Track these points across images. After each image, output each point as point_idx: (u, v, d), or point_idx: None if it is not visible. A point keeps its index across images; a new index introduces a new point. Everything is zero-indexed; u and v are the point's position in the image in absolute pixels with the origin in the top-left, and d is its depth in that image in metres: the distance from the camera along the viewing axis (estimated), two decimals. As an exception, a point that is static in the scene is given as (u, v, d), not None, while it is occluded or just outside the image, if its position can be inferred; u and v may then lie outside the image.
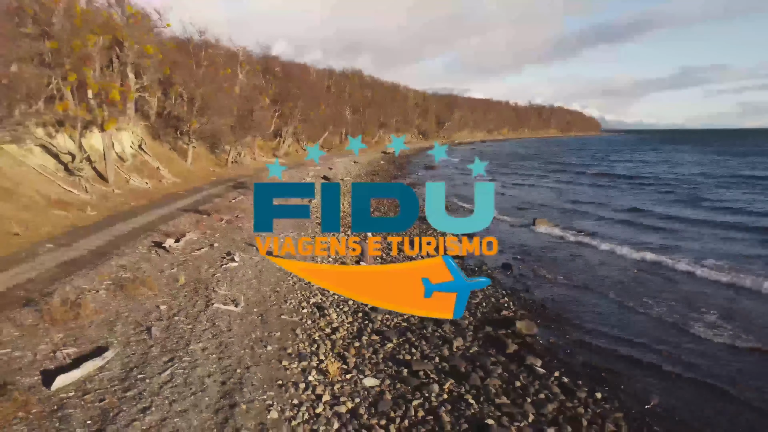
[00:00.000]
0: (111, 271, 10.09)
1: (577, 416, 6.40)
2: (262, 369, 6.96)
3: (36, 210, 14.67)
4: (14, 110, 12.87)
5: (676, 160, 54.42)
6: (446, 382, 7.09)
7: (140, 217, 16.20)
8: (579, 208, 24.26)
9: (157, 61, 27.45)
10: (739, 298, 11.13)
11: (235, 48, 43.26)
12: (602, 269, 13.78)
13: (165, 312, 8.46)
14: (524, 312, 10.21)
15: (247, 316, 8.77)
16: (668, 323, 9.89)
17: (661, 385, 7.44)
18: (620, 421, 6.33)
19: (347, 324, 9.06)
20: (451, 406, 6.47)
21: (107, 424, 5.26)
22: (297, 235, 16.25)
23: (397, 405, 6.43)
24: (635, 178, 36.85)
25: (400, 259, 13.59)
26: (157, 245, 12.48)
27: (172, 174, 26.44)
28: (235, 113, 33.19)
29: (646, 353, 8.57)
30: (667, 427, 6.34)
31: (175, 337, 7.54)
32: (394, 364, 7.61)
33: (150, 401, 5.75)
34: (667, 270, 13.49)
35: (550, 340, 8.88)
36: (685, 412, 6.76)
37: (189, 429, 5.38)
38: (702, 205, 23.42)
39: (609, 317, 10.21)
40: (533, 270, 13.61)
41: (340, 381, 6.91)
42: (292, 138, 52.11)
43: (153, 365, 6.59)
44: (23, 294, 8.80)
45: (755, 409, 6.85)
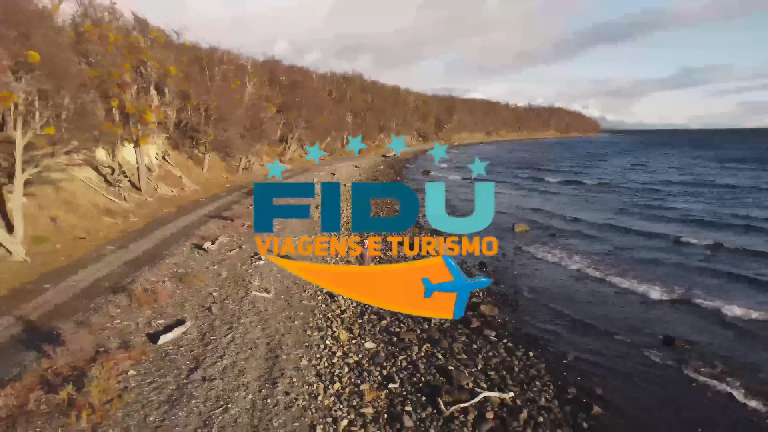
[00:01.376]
0: (168, 268, 12.99)
1: (512, 366, 9.26)
2: (293, 335, 9.83)
3: (91, 218, 17.58)
4: (81, 136, 15.74)
5: (650, 167, 56.29)
6: (424, 345, 9.96)
7: (174, 223, 19.09)
8: (554, 213, 27.11)
9: (178, 78, 30.36)
10: (649, 302, 13.86)
11: (244, 60, 46.32)
12: (558, 267, 16.65)
13: (217, 297, 11.35)
14: (489, 299, 13.08)
15: (277, 301, 11.64)
16: (594, 308, 12.76)
17: (577, 347, 10.31)
18: (542, 370, 9.19)
19: (352, 307, 11.91)
20: (426, 360, 9.33)
21: (199, 364, 8.14)
22: (307, 236, 19.00)
23: (388, 359, 9.30)
24: (603, 186, 39.15)
25: (398, 259, 16.43)
26: (197, 247, 15.38)
27: (192, 182, 29.35)
28: (246, 124, 36.11)
29: (574, 327, 11.44)
30: (574, 374, 9.19)
31: (228, 314, 10.43)
32: (387, 334, 10.47)
33: (223, 352, 8.64)
34: (603, 271, 16.35)
35: (505, 319, 11.74)
36: (590, 364, 9.61)
37: (250, 369, 8.25)
38: (651, 215, 25.60)
39: (554, 303, 13.07)
40: (504, 267, 16.47)
41: (348, 344, 9.78)
42: (296, 144, 54.98)
43: (219, 331, 9.48)
44: (108, 285, 11.71)
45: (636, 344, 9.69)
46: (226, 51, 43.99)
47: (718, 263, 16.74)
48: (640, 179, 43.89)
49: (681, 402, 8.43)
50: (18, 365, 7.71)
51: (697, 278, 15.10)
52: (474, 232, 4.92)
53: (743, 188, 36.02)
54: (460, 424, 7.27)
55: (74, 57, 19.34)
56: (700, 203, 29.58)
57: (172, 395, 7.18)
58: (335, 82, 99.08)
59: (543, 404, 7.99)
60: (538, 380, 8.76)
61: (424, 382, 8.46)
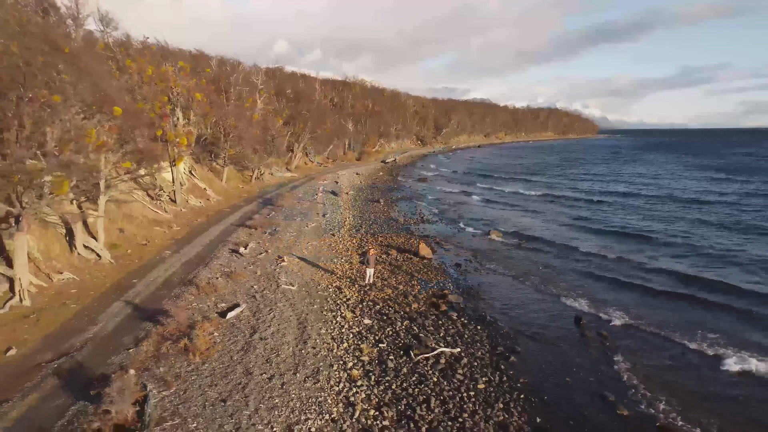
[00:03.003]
0: (218, 268, 17.37)
1: (463, 334, 13.61)
2: (314, 314, 14.20)
3: (146, 227, 21.97)
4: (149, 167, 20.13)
5: (627, 177, 57.93)
6: (405, 321, 14.31)
7: (209, 232, 23.45)
8: (525, 222, 31.44)
9: (202, 102, 34.73)
10: (573, 297, 18.19)
11: (254, 77, 50.77)
12: (520, 266, 20.98)
13: (257, 289, 15.73)
14: (457, 291, 17.42)
15: (300, 292, 16.01)
16: (534, 298, 17.11)
17: (513, 323, 14.66)
18: (483, 336, 13.52)
19: (354, 297, 16.25)
20: (405, 330, 13.67)
21: (255, 331, 12.51)
22: (317, 241, 23.29)
23: (379, 330, 13.65)
24: (573, 199, 42.42)
25: (397, 257, 20.77)
26: (234, 251, 19.75)
27: (215, 193, 33.73)
28: (259, 140, 40.49)
29: (514, 311, 15.78)
30: (505, 339, 13.50)
31: (267, 300, 14.81)
32: (380, 314, 14.82)
33: (269, 324, 13.01)
34: (554, 265, 20.69)
35: (468, 305, 16.07)
36: (518, 333, 13.94)
37: (288, 333, 12.61)
38: (606, 229, 29.42)
39: (505, 294, 17.40)
40: (475, 267, 20.81)
41: (352, 321, 14.12)
42: (302, 152, 59.32)
43: (263, 311, 13.86)
44: (177, 280, 16.10)
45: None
46: (242, 69, 48.65)
47: (620, 271, 20.80)
48: (594, 188, 47.37)
49: (572, 355, 12.77)
50: (143, 330, 12.08)
51: (608, 283, 19.43)
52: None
53: (684, 200, 39.60)
54: (422, 366, 11.63)
55: (128, 96, 23.69)
56: (629, 216, 32.51)
57: (244, 346, 11.57)
58: (336, 87, 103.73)
59: (478, 356, 12.36)
60: (478, 342, 13.14)
61: (402, 343, 12.82)
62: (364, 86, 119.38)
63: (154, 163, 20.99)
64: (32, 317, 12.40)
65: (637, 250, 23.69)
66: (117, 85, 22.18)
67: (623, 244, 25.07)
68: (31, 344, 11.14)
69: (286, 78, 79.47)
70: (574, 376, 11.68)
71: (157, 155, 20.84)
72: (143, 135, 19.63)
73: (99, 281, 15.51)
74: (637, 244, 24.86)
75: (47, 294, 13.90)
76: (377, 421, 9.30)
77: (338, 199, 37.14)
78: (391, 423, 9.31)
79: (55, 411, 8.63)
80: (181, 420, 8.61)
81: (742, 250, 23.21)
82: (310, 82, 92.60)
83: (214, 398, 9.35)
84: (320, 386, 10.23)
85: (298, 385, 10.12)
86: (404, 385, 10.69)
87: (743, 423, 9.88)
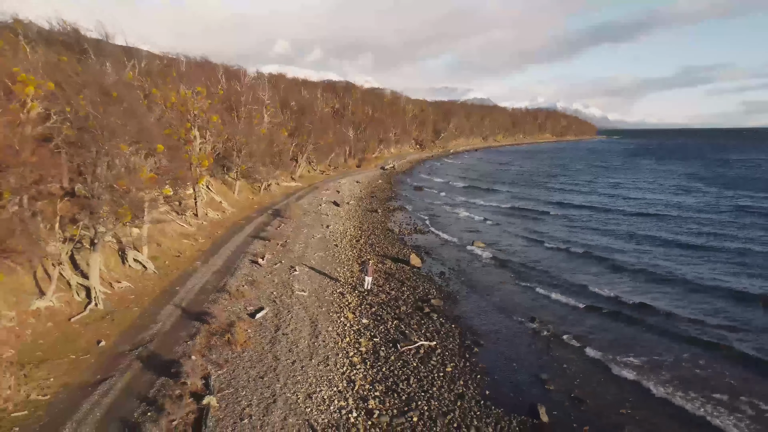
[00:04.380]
0: (242, 277, 21.12)
1: (440, 330, 17.33)
2: (323, 315, 17.94)
3: (177, 241, 25.72)
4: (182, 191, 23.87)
5: (605, 187, 60.85)
6: (394, 321, 18.03)
7: (230, 244, 27.16)
8: (507, 232, 35.17)
9: (217, 123, 38.46)
10: (534, 298, 21.92)
11: (262, 94, 54.52)
12: (494, 274, 24.69)
13: (276, 294, 19.48)
14: (440, 296, 21.12)
15: (311, 297, 19.75)
16: (503, 300, 20.84)
17: (482, 321, 18.39)
18: (456, 332, 17.24)
19: (355, 301, 19.96)
20: (395, 328, 17.40)
21: (279, 328, 16.27)
22: (323, 252, 27.02)
23: (375, 328, 17.37)
24: (546, 214, 46.60)
25: (391, 267, 24.47)
26: (253, 262, 23.49)
27: (229, 205, 37.49)
28: (268, 155, 44.24)
29: (485, 311, 19.49)
30: (473, 333, 17.21)
31: (285, 304, 18.54)
32: (375, 316, 18.53)
33: (288, 323, 16.76)
34: (521, 272, 24.43)
35: (446, 308, 19.78)
36: (485, 329, 17.66)
37: (304, 330, 16.35)
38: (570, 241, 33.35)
39: (480, 298, 21.11)
40: (456, 274, 24.52)
41: (353, 320, 17.85)
42: (305, 162, 63.06)
43: (284, 313, 17.61)
44: (211, 287, 19.85)
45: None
46: (247, 82, 52.62)
47: (570, 281, 24.69)
48: (565, 200, 50.38)
49: (523, 347, 16.48)
50: (194, 327, 15.81)
51: (560, 289, 23.16)
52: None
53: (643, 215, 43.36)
54: (406, 355, 15.36)
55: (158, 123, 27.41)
56: (580, 230, 35.21)
57: (271, 340, 15.32)
58: (338, 93, 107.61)
59: (450, 347, 16.10)
60: (451, 337, 16.87)
61: (392, 338, 16.56)
62: (364, 90, 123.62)
63: (185, 186, 24.71)
64: (107, 318, 16.15)
65: (583, 265, 27.32)
66: (151, 117, 25.93)
67: (572, 261, 28.68)
68: (113, 338, 14.89)
69: (288, 84, 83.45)
70: (521, 362, 15.42)
71: (188, 179, 24.56)
72: (180, 166, 23.38)
73: (149, 289, 19.26)
74: (584, 260, 28.46)
75: (112, 300, 17.64)
76: (371, 393, 13.03)
77: (340, 210, 40.88)
78: (381, 394, 13.03)
79: (146, 383, 12.36)
80: (234, 390, 12.34)
81: (680, 271, 26.05)
82: (312, 90, 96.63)
83: (254, 375, 13.10)
84: (329, 368, 13.96)
85: (314, 368, 13.86)
86: (392, 368, 14.43)
87: (639, 401, 13.60)
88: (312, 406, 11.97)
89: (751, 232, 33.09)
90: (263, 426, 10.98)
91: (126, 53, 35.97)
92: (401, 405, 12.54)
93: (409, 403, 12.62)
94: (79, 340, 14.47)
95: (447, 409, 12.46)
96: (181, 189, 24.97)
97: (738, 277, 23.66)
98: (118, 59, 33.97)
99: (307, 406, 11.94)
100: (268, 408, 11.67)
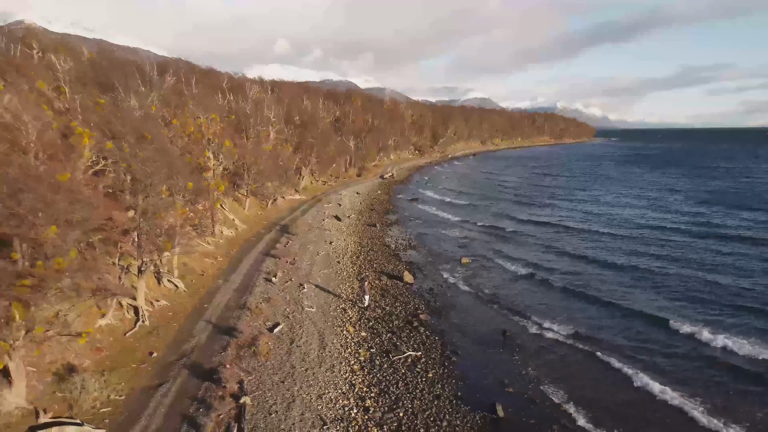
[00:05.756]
0: (259, 294, 24.78)
1: (425, 342, 20.99)
2: (328, 329, 21.61)
3: (199, 260, 29.38)
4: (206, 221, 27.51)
5: (583, 202, 63.47)
6: (388, 334, 21.71)
7: (245, 261, 30.82)
8: (492, 248, 38.84)
9: (230, 147, 42.11)
10: (505, 314, 25.58)
11: (268, 113, 58.20)
12: (474, 290, 28.35)
13: (289, 311, 23.15)
14: (428, 311, 24.77)
15: (318, 313, 23.40)
16: (481, 316, 24.49)
17: (462, 334, 22.05)
18: (438, 344, 20.90)
19: (355, 316, 23.61)
20: (388, 340, 21.07)
21: (293, 340, 19.95)
22: (327, 269, 30.64)
23: (371, 340, 21.03)
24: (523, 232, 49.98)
25: (386, 283, 28.09)
26: (267, 280, 27.15)
27: (241, 221, 41.15)
28: (275, 172, 47.91)
29: (464, 324, 23.14)
30: (453, 345, 20.85)
31: (297, 319, 22.22)
32: (372, 329, 22.20)
33: (301, 336, 20.44)
34: (498, 286, 28.10)
35: (432, 322, 23.42)
36: (463, 341, 21.32)
37: (313, 342, 20.02)
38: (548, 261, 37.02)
39: (461, 312, 24.75)
40: (444, 291, 28.16)
41: (353, 333, 21.51)
42: (309, 174, 66.72)
43: (297, 328, 21.30)
44: (234, 304, 23.52)
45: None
46: (253, 94, 56.60)
47: (546, 295, 28.37)
48: (541, 218, 54.83)
49: (494, 355, 20.13)
50: (225, 340, 19.47)
51: (531, 304, 26.82)
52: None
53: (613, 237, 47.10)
54: (396, 363, 19.02)
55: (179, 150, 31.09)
56: (541, 248, 39.44)
57: (287, 351, 18.99)
58: (338, 101, 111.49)
59: (433, 357, 19.76)
60: (434, 348, 20.54)
61: (385, 349, 20.23)
62: (364, 97, 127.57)
63: (206, 211, 28.36)
64: (154, 333, 19.83)
65: (543, 287, 31.02)
66: (177, 150, 29.60)
67: (540, 281, 32.43)
68: (161, 350, 18.56)
69: (289, 90, 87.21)
70: (489, 369, 19.08)
71: (209, 206, 28.23)
72: (201, 191, 27.06)
73: (182, 306, 22.94)
74: (547, 282, 32.19)
75: (154, 316, 21.32)
76: (368, 394, 16.69)
77: (341, 225, 44.52)
78: (375, 395, 16.70)
79: (194, 386, 16.02)
80: (261, 391, 16.01)
81: (632, 294, 30.05)
82: (314, 97, 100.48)
83: (276, 380, 16.77)
84: (335, 374, 17.64)
85: (322, 374, 17.53)
86: (384, 375, 18.09)
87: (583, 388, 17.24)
88: (322, 404, 15.65)
89: (697, 255, 34.96)
90: (286, 419, 14.66)
91: (147, 81, 39.46)
92: (391, 403, 16.22)
93: (397, 402, 16.29)
94: (135, 352, 18.16)
95: (426, 407, 16.15)
96: (204, 216, 28.62)
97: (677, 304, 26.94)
98: (138, 90, 37.61)
99: (318, 404, 15.62)
100: (289, 405, 15.35)
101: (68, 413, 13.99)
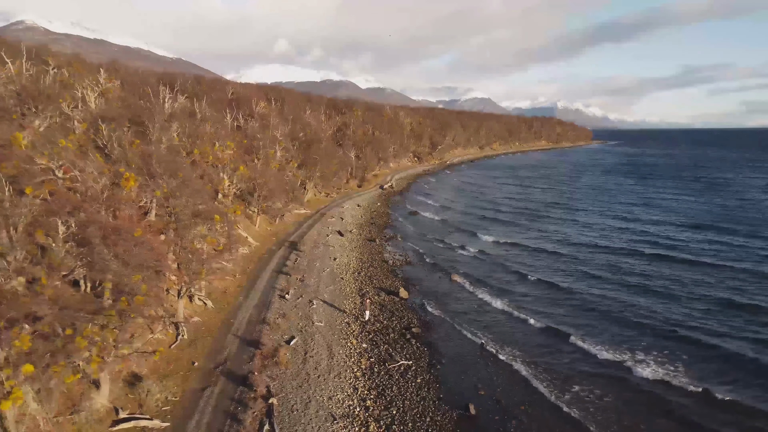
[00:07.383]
0: (276, 310, 29.11)
1: (416, 352, 25.31)
2: (335, 341, 25.93)
3: (220, 277, 33.67)
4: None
5: (565, 222, 70.38)
6: (385, 345, 26.02)
7: (261, 278, 35.12)
8: (482, 266, 43.16)
9: (243, 172, 46.46)
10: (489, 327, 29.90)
11: (275, 132, 62.60)
12: (463, 305, 32.63)
13: (301, 326, 27.48)
14: (420, 324, 29.07)
15: (326, 327, 27.72)
16: (466, 328, 28.81)
17: (448, 345, 26.36)
18: (426, 353, 25.21)
19: (357, 329, 27.89)
20: (385, 351, 25.39)
21: (307, 351, 24.28)
22: (333, 286, 34.93)
23: (371, 351, 25.35)
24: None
25: (384, 299, 32.38)
26: (281, 297, 31.47)
27: (253, 238, 45.45)
28: (283, 190, 52.26)
29: (451, 337, 27.44)
30: (439, 355, 25.14)
31: (308, 333, 26.55)
32: (372, 341, 26.51)
33: (313, 347, 24.78)
34: (484, 303, 32.43)
35: (423, 334, 27.70)
36: (449, 351, 25.61)
37: (323, 352, 24.35)
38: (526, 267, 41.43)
39: (449, 326, 29.03)
40: (435, 305, 32.46)
41: (355, 344, 25.82)
42: (313, 189, 71.05)
43: (308, 341, 25.64)
44: (255, 319, 27.87)
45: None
46: (259, 107, 61.24)
47: (525, 311, 32.67)
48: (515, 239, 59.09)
49: (473, 364, 24.41)
50: (251, 351, 23.77)
51: (510, 321, 31.13)
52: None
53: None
54: (391, 371, 23.34)
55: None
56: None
57: (303, 360, 23.31)
58: (339, 108, 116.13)
59: (422, 365, 24.08)
60: (423, 358, 24.85)
61: (383, 358, 24.54)
62: (364, 105, 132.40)
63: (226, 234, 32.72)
64: (192, 345, 24.15)
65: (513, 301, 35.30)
66: (201, 182, 33.96)
67: (526, 288, 36.72)
68: (201, 360, 22.89)
69: (292, 100, 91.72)
70: (467, 375, 23.39)
71: (230, 230, 32.58)
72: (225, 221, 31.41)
73: (213, 322, 27.27)
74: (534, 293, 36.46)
75: (190, 331, 25.64)
76: (368, 396, 21.01)
77: (344, 240, 48.84)
78: (374, 397, 21.02)
79: (232, 390, 20.34)
80: (284, 394, 20.33)
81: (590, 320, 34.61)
82: (316, 107, 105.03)
83: (295, 385, 21.09)
84: (342, 380, 21.95)
85: (332, 380, 21.85)
86: (381, 380, 22.41)
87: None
88: (332, 404, 19.99)
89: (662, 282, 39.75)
90: (305, 416, 18.99)
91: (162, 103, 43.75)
92: (387, 404, 20.53)
93: (392, 403, 20.61)
94: (180, 361, 22.48)
95: (414, 406, 20.47)
96: (227, 240, 32.94)
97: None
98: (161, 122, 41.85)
99: (329, 404, 19.95)
100: (306, 405, 19.69)
101: (139, 411, 18.33)
